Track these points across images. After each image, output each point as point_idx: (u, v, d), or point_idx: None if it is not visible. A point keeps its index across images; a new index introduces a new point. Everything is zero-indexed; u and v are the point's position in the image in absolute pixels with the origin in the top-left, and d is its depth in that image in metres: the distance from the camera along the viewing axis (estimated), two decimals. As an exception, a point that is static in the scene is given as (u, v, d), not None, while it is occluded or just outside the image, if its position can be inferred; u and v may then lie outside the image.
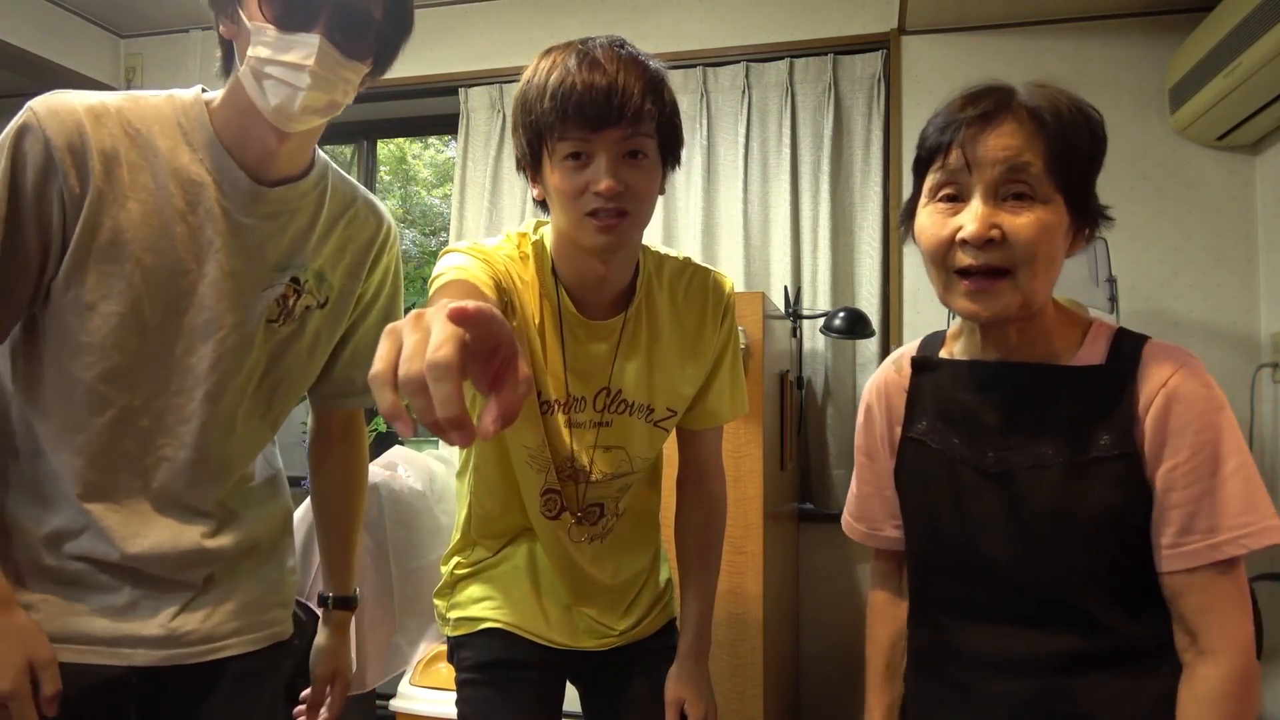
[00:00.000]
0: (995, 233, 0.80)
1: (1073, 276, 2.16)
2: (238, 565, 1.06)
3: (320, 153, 1.07)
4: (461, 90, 2.95)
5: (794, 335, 2.50)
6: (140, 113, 0.93)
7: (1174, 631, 0.83)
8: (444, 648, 2.07)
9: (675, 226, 2.74)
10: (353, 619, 1.29)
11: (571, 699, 1.26)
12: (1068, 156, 0.81)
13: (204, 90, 0.99)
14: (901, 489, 0.99)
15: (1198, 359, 0.85)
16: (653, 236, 2.49)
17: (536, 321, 1.06)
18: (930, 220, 0.85)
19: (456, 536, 1.24)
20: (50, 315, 0.93)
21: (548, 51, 0.98)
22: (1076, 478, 0.84)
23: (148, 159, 0.92)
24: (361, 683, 1.88)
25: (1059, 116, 0.81)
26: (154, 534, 0.98)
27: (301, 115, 0.90)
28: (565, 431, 1.10)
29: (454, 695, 1.21)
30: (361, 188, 1.13)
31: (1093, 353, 0.88)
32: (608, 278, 1.06)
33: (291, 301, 1.02)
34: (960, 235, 0.81)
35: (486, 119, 2.94)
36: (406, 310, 1.18)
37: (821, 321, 2.42)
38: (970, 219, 0.80)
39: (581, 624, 1.19)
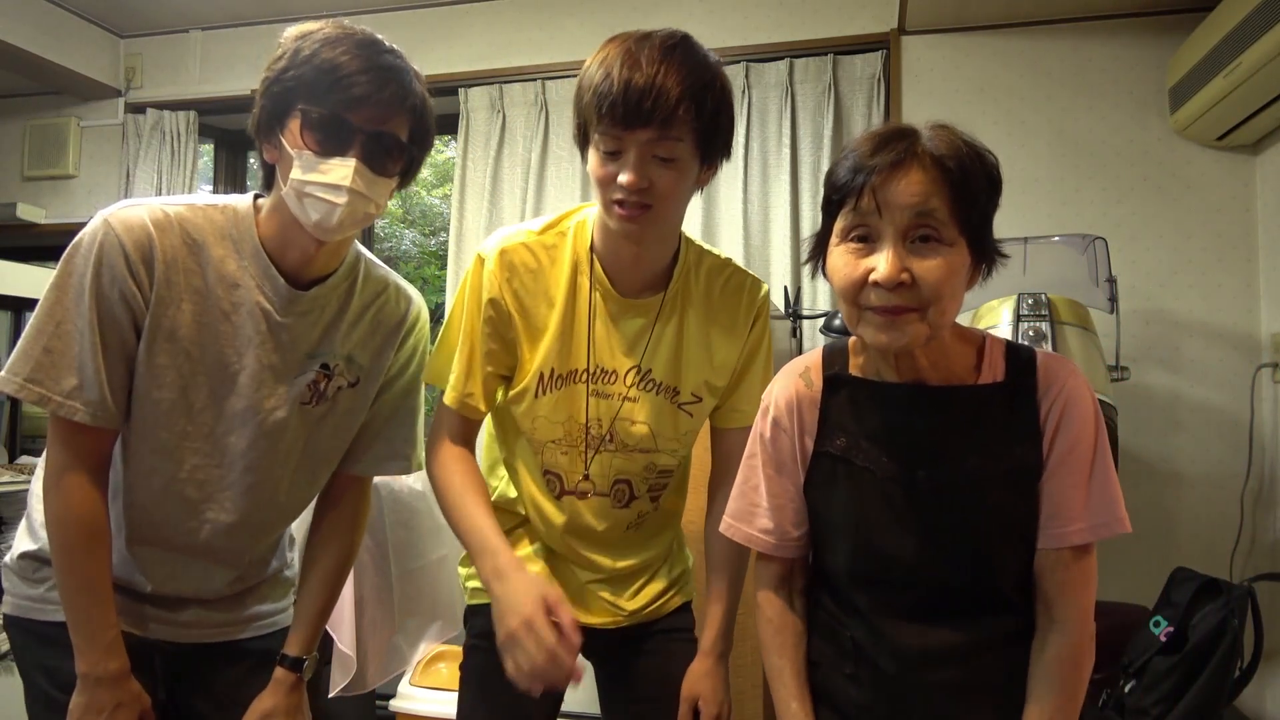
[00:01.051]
0: (905, 276, 0.87)
1: (1073, 277, 2.15)
2: (255, 588, 1.24)
3: (355, 244, 1.17)
4: (461, 90, 2.94)
5: (794, 335, 2.50)
6: (197, 223, 1.06)
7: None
8: (444, 648, 2.10)
9: (675, 226, 2.74)
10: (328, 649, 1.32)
11: (570, 699, 1.26)
12: (969, 201, 0.88)
13: (256, 197, 1.11)
14: (819, 503, 1.02)
15: (1077, 366, 0.97)
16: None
17: (562, 298, 1.13)
18: (843, 260, 0.91)
19: None
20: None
21: (610, 40, 1.04)
22: (1001, 488, 0.94)
23: (201, 265, 1.06)
24: (362, 683, 1.89)
25: (960, 163, 0.88)
26: (185, 579, 1.14)
27: (339, 228, 1.02)
28: (588, 401, 1.15)
29: (454, 695, 1.22)
30: (394, 274, 1.23)
31: (994, 370, 0.97)
32: (641, 258, 1.14)
33: (323, 385, 1.14)
34: (873, 277, 0.88)
35: (486, 119, 2.93)
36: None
37: (821, 321, 2.42)
38: (882, 262, 0.87)
39: (594, 603, 1.23)
